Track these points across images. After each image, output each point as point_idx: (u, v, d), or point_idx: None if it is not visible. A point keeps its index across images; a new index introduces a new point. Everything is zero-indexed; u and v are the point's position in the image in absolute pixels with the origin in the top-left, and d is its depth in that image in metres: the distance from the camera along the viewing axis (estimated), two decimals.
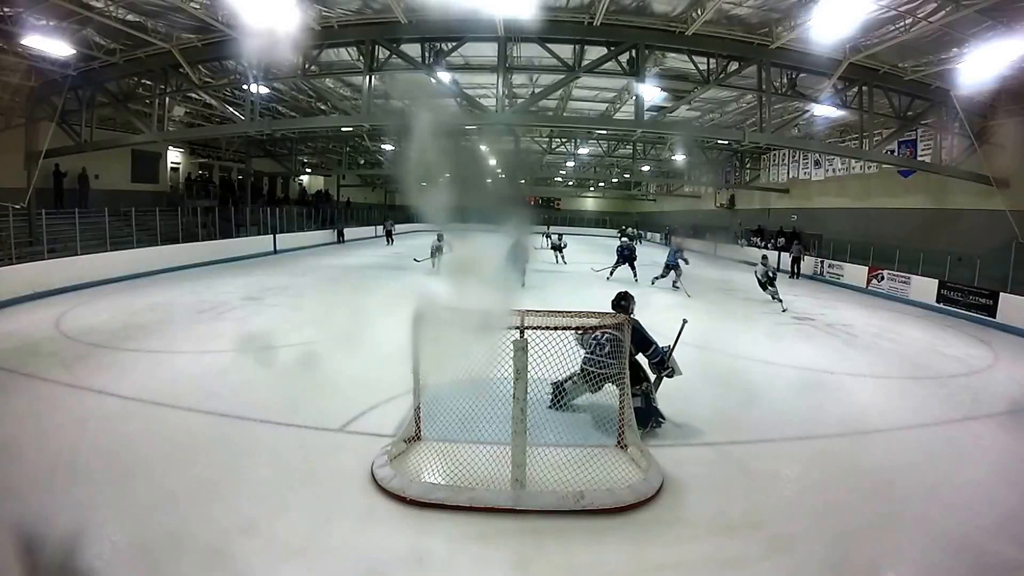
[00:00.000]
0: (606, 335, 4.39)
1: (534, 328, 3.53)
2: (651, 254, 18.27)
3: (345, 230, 26.02)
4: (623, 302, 4.86)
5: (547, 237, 20.28)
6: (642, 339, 4.46)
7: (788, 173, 20.48)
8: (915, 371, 6.85)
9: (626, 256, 13.98)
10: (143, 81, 12.49)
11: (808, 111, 14.37)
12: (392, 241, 24.93)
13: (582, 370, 4.47)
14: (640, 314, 4.85)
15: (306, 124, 17.17)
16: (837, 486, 3.72)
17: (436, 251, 14.52)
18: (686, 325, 4.75)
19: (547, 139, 21.51)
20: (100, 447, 3.94)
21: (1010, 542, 3.10)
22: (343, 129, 17.69)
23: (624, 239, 16.18)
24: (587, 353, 4.50)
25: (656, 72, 11.70)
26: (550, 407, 4.51)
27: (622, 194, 37.77)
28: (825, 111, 12.83)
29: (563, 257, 17.88)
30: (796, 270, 16.72)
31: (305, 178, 27.96)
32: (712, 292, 10.45)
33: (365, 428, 4.38)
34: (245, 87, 11.99)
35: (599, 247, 26.11)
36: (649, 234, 29.86)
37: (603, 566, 2.83)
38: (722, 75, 10.76)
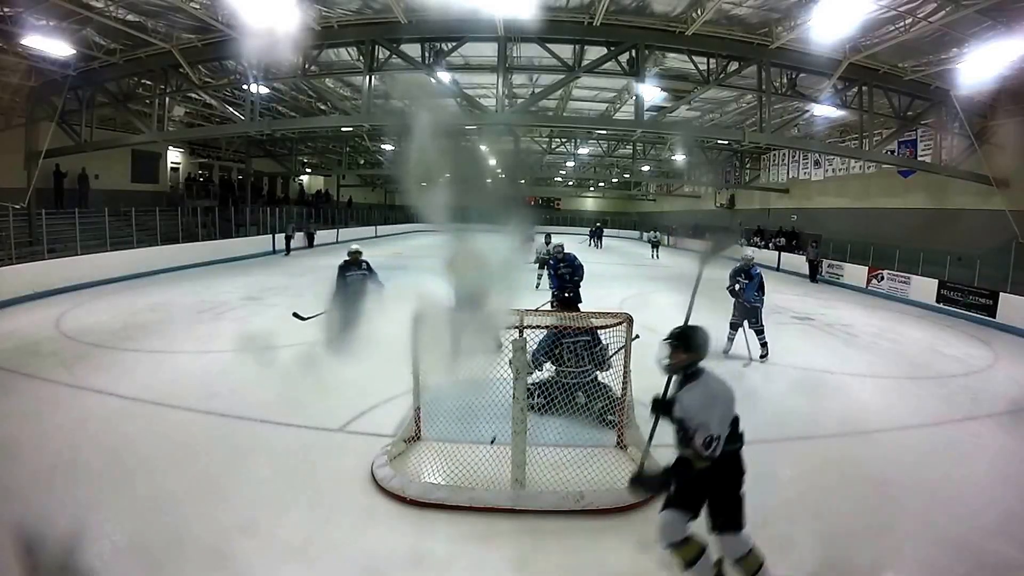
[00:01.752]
0: (580, 341, 4.31)
1: (534, 328, 3.53)
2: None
3: (319, 232, 21.43)
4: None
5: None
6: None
7: (788, 173, 20.48)
8: (915, 371, 6.84)
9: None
10: (143, 81, 12.49)
11: (808, 111, 14.37)
12: (289, 252, 19.00)
13: (557, 380, 4.33)
14: (640, 314, 4.82)
15: (306, 124, 17.17)
16: (837, 486, 3.72)
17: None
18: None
19: (547, 139, 21.50)
20: (100, 447, 3.94)
21: (1010, 542, 3.10)
22: (343, 129, 17.69)
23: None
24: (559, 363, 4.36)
25: (656, 72, 11.68)
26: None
27: (622, 194, 37.77)
28: (825, 111, 12.82)
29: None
30: (814, 274, 16.35)
31: (305, 178, 27.95)
32: (712, 291, 10.39)
33: (365, 428, 4.39)
34: (245, 87, 11.99)
35: (603, 249, 26.07)
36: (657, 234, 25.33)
37: (603, 566, 2.83)
38: (722, 75, 10.76)
